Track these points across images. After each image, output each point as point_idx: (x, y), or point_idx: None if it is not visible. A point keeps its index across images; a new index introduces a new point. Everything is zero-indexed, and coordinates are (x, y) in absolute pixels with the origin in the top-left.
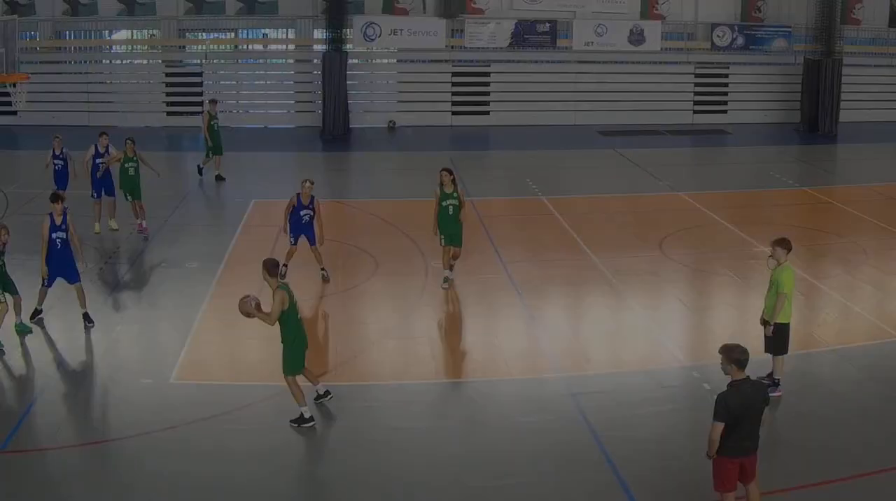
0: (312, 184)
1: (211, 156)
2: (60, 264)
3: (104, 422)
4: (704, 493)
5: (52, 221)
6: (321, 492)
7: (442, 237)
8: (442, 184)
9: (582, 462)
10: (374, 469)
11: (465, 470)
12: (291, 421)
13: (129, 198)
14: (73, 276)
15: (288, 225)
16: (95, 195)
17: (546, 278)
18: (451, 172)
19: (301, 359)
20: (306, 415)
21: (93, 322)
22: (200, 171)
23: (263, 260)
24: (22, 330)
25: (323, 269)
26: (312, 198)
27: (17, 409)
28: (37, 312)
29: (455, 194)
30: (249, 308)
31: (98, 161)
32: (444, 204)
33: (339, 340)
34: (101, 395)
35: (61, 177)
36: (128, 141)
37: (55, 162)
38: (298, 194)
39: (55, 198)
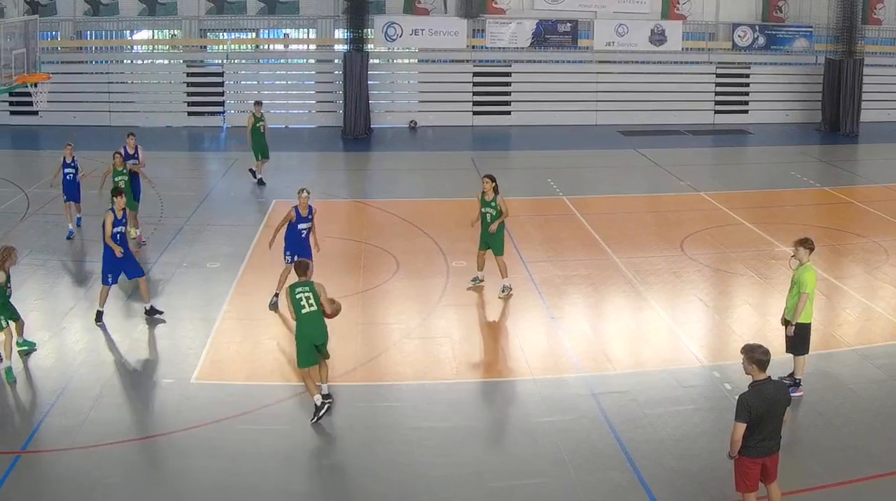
0: (309, 193)
1: (261, 157)
2: (122, 259)
3: (125, 422)
4: (726, 493)
5: (115, 215)
6: (342, 492)
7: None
8: (483, 192)
9: (603, 461)
10: (396, 469)
11: (487, 470)
12: (312, 421)
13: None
14: (135, 271)
15: (278, 239)
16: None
17: (567, 278)
18: (492, 179)
19: (308, 355)
20: (318, 403)
21: (161, 311)
22: (254, 175)
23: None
24: (25, 347)
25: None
26: (310, 208)
27: (38, 410)
28: (99, 314)
29: (493, 203)
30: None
31: (129, 163)
32: (482, 210)
33: (360, 340)
34: (122, 395)
35: (71, 187)
36: (116, 154)
37: (65, 170)
38: (296, 206)
39: (117, 191)
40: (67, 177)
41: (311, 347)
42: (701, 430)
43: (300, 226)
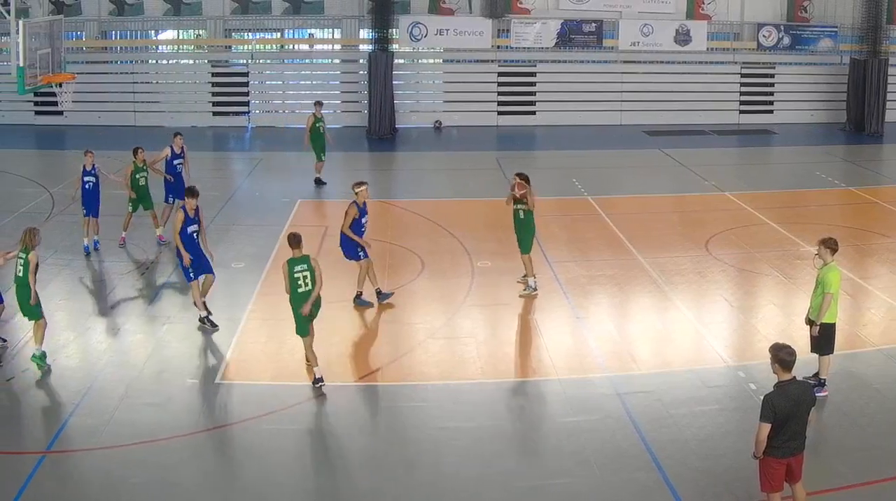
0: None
1: (323, 158)
2: (195, 257)
3: (150, 423)
4: (751, 493)
5: (186, 214)
6: (367, 491)
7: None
8: (514, 189)
9: (628, 461)
10: (421, 469)
11: (512, 470)
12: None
13: (142, 208)
14: (207, 268)
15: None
16: (171, 199)
17: (592, 278)
18: (520, 176)
19: (301, 325)
20: (317, 376)
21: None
22: (318, 181)
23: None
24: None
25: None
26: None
27: (63, 410)
28: (206, 316)
29: (524, 200)
30: None
31: (176, 163)
32: (515, 207)
33: (385, 340)
34: (147, 396)
35: (91, 198)
36: (139, 150)
37: (85, 179)
38: (355, 201)
39: (191, 192)
40: (87, 187)
41: (308, 319)
42: (726, 430)
43: (363, 220)
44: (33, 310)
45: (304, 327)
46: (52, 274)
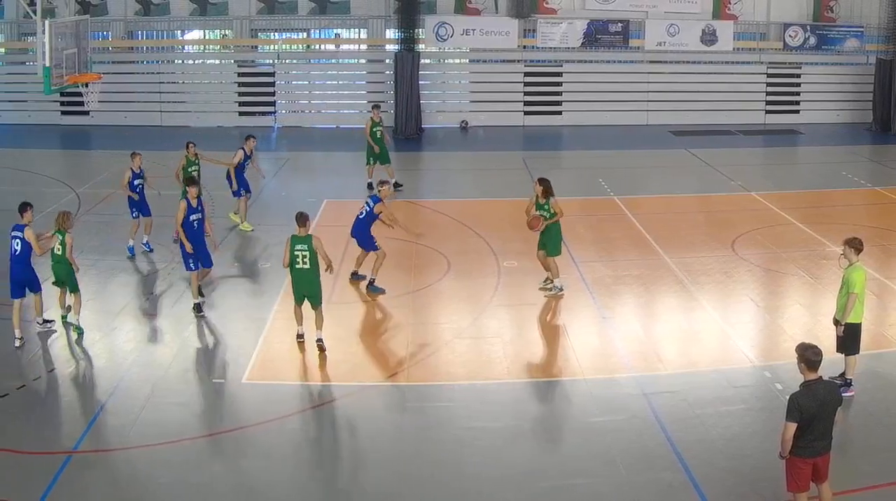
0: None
1: (372, 163)
2: (195, 247)
3: (176, 422)
4: (777, 493)
5: (189, 204)
6: (393, 491)
7: None
8: (536, 195)
9: (654, 461)
10: (447, 469)
11: (538, 470)
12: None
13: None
14: (206, 261)
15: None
16: (244, 192)
17: (618, 278)
18: (542, 183)
19: (296, 295)
20: (300, 332)
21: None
22: (371, 187)
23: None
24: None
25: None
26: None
27: (89, 410)
28: (198, 307)
29: (546, 205)
30: None
31: (247, 163)
32: (537, 212)
33: (411, 340)
34: (173, 395)
35: (140, 200)
36: (189, 144)
37: (134, 182)
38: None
39: (192, 181)
40: (136, 188)
41: (301, 296)
42: (752, 430)
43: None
44: (76, 283)
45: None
46: (78, 273)
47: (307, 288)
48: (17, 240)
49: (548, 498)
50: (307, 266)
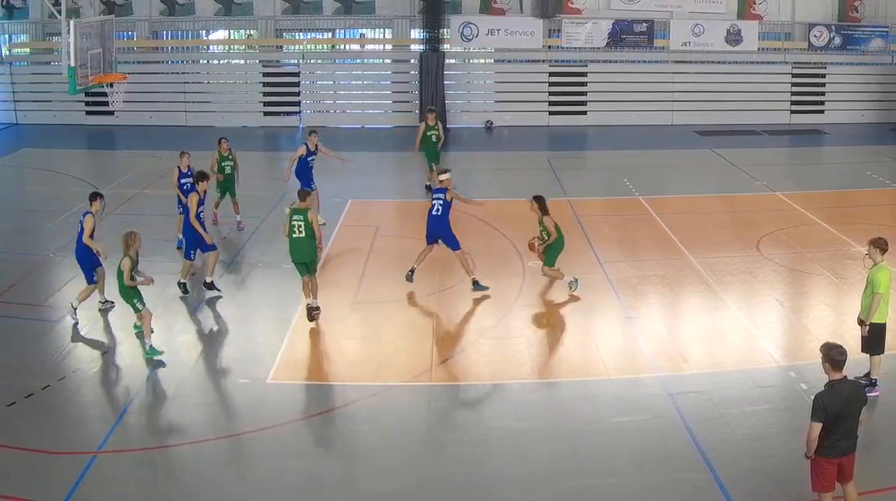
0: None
1: (434, 168)
2: (198, 237)
3: (200, 422)
4: (802, 493)
5: (199, 196)
6: (417, 492)
7: None
8: (532, 249)
9: (679, 461)
10: (471, 469)
11: (562, 470)
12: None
13: (227, 195)
14: (208, 246)
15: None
16: (313, 185)
17: (643, 278)
18: (535, 200)
19: (297, 265)
20: (311, 305)
21: (218, 289)
22: (429, 189)
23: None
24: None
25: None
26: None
27: (114, 410)
28: (182, 285)
29: (542, 223)
30: None
31: (310, 159)
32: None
33: (436, 340)
34: (198, 395)
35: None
36: (222, 139)
37: (182, 181)
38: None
39: (203, 176)
40: (184, 187)
41: (301, 264)
42: (777, 430)
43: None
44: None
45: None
46: (105, 274)
47: (305, 256)
48: (79, 224)
49: (573, 499)
50: (303, 235)
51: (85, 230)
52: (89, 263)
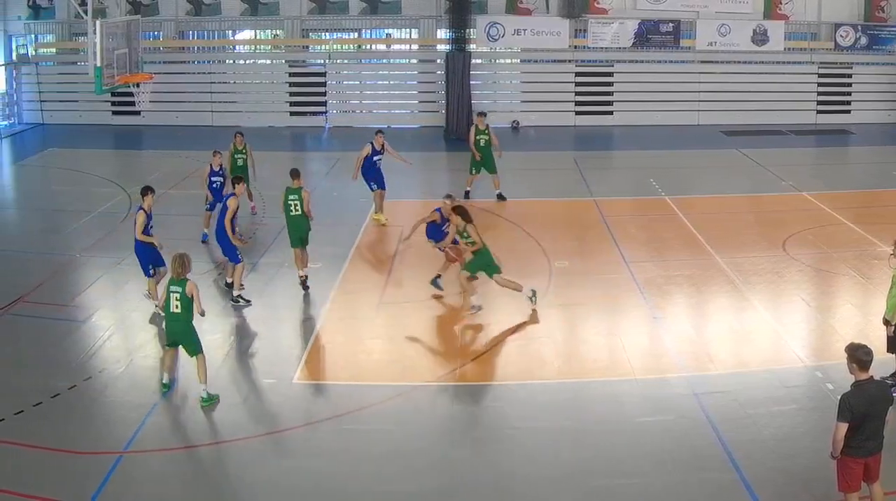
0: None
1: (475, 172)
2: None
3: (227, 422)
4: (829, 493)
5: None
6: (443, 492)
7: None
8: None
9: (705, 461)
10: (497, 469)
11: (588, 470)
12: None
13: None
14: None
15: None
16: (374, 186)
17: (669, 278)
18: (457, 211)
19: (293, 239)
20: (301, 274)
21: (241, 300)
22: (466, 195)
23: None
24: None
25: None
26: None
27: (140, 410)
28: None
29: (466, 233)
30: None
31: (375, 159)
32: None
33: (461, 340)
34: (224, 395)
35: (218, 196)
36: (238, 134)
37: (212, 179)
38: (439, 208)
39: (240, 180)
40: (214, 186)
41: (298, 238)
42: (803, 430)
43: (444, 227)
44: (197, 344)
45: (293, 243)
46: (129, 274)
47: (301, 231)
48: (133, 221)
49: (599, 498)
50: (299, 212)
51: (136, 227)
52: (146, 258)
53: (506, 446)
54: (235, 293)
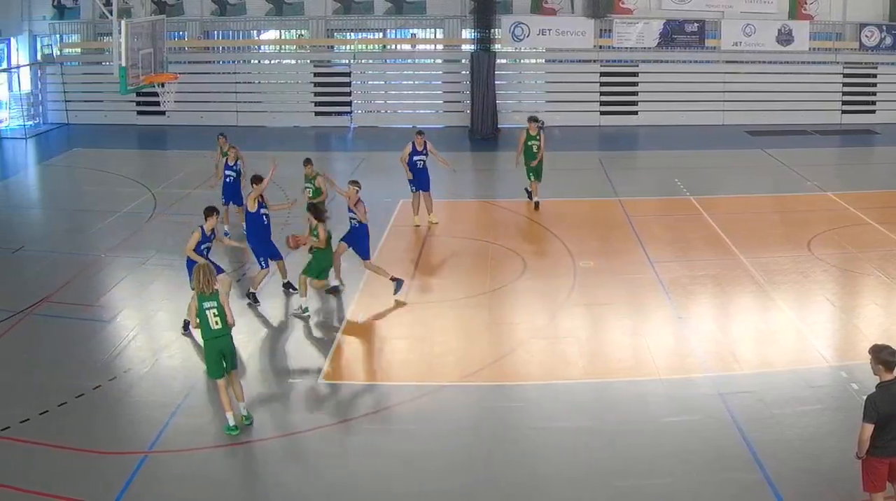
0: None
1: (533, 178)
2: (267, 243)
3: (252, 422)
4: (853, 493)
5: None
6: (467, 492)
7: None
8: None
9: (730, 461)
10: (521, 469)
11: (613, 470)
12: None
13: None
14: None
15: None
16: (413, 187)
17: (694, 278)
18: (311, 210)
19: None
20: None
21: (296, 289)
22: (529, 195)
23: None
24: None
25: None
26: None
27: (165, 410)
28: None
29: (315, 230)
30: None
31: (416, 159)
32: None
33: (487, 340)
34: (249, 396)
35: (231, 191)
36: (221, 135)
37: (227, 173)
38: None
39: (258, 179)
40: (228, 180)
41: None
42: (828, 430)
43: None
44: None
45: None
46: (154, 274)
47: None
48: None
49: (624, 498)
50: (311, 196)
51: (189, 242)
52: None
53: (530, 446)
54: (251, 290)
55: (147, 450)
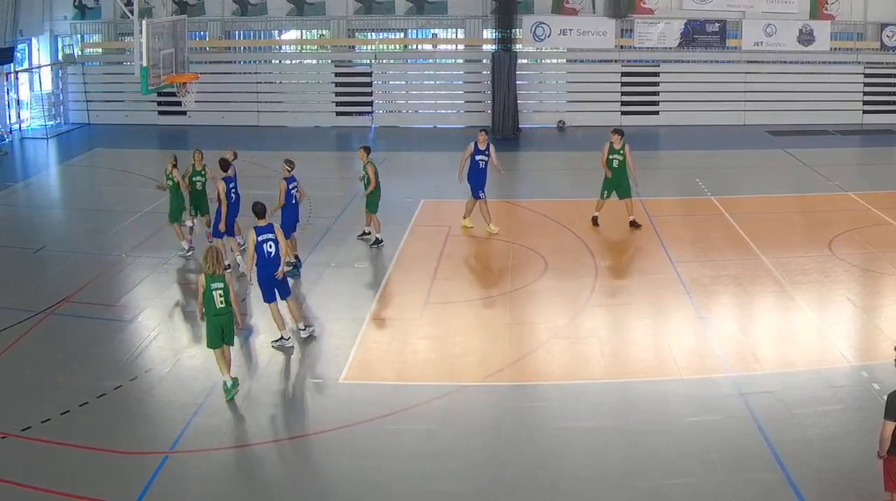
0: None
1: (606, 196)
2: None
3: (272, 423)
4: (874, 493)
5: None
6: (489, 492)
7: None
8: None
9: (751, 461)
10: (543, 469)
11: (634, 470)
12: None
13: (196, 212)
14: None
15: None
16: (481, 194)
17: (715, 278)
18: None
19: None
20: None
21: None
22: (595, 220)
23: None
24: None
25: None
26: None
27: (186, 410)
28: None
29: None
30: None
31: (478, 159)
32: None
33: (508, 340)
34: (271, 395)
35: (231, 207)
36: (196, 151)
37: (231, 188)
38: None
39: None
40: (231, 200)
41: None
42: (849, 430)
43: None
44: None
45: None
46: (173, 275)
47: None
48: (271, 243)
49: (646, 498)
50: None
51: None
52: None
53: (551, 446)
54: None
55: (168, 450)
